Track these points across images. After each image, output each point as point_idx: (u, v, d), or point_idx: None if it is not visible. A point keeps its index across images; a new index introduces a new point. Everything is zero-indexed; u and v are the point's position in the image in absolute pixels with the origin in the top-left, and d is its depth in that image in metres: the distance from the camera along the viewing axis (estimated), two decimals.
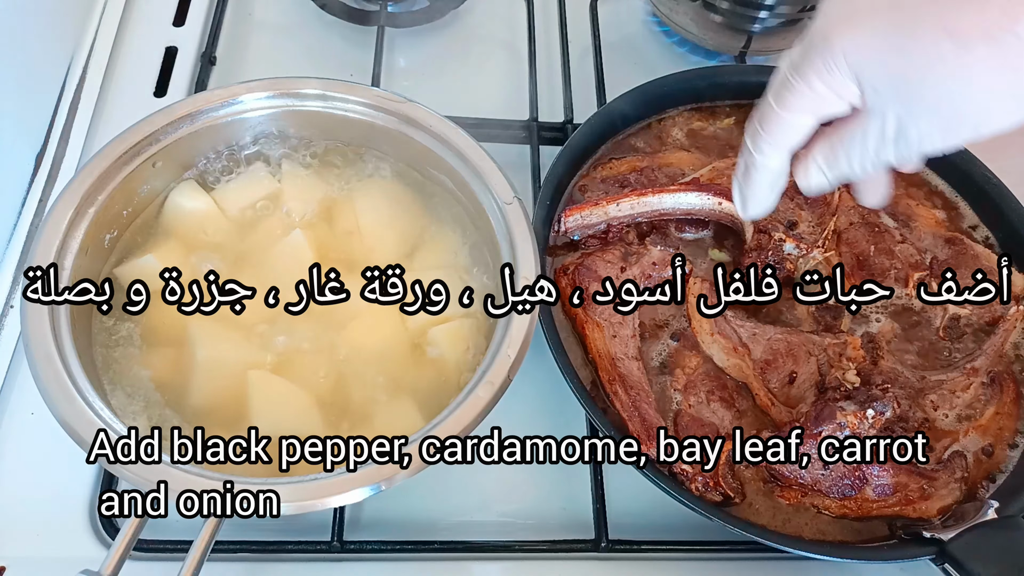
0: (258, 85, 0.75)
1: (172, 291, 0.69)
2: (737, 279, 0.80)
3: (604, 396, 0.74)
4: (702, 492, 0.69)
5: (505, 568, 0.72)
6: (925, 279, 0.83)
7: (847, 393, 0.72)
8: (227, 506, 0.55)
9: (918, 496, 0.71)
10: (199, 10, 1.05)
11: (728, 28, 1.02)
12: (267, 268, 0.72)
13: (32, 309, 0.61)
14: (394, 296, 0.72)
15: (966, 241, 0.87)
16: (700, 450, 0.69)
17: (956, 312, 0.82)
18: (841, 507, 0.71)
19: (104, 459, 0.56)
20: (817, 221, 0.83)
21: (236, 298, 0.69)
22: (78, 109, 0.93)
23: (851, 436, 0.69)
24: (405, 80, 1.05)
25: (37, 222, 0.85)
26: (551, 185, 0.83)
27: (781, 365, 0.76)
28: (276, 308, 0.70)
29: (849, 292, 0.81)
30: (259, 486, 0.55)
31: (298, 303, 0.70)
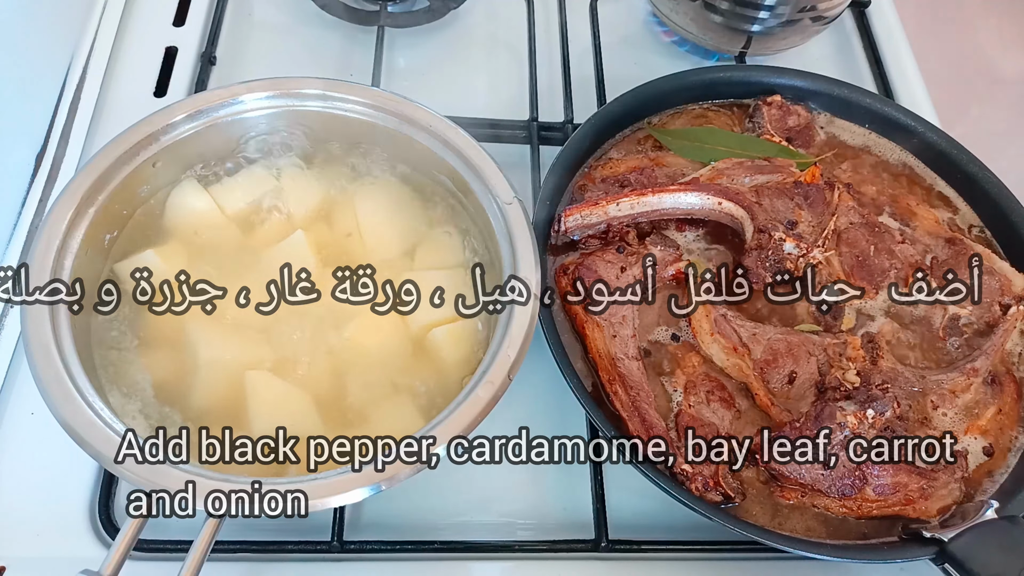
0: (258, 85, 0.75)
1: (143, 291, 0.69)
2: (708, 279, 0.80)
3: (604, 396, 0.74)
4: (702, 492, 0.69)
5: (505, 568, 0.72)
6: (926, 279, 0.83)
7: (847, 393, 0.72)
8: (255, 506, 0.55)
9: (918, 496, 0.71)
10: (199, 10, 1.05)
11: (728, 28, 1.02)
12: (268, 268, 0.72)
13: (32, 309, 0.61)
14: (365, 296, 0.71)
15: (966, 241, 0.87)
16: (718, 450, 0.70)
17: (956, 312, 0.82)
18: (841, 507, 0.71)
19: (132, 459, 0.56)
20: (817, 221, 0.83)
21: (207, 298, 0.69)
22: (78, 109, 0.93)
23: (852, 436, 0.69)
24: (405, 80, 1.05)
25: (37, 222, 0.85)
26: (551, 185, 0.83)
27: (781, 365, 0.76)
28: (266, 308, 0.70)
29: (820, 292, 0.81)
30: (287, 486, 0.55)
31: (269, 303, 0.70)
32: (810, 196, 0.84)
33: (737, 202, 0.82)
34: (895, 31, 1.18)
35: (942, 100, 1.10)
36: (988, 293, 0.83)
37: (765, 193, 0.84)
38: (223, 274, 0.72)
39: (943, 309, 0.83)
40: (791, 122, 0.93)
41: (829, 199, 0.85)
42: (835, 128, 0.97)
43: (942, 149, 0.93)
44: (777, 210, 0.83)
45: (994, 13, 1.48)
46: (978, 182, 0.91)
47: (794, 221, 0.83)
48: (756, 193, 0.84)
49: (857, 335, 0.79)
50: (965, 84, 1.39)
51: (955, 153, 0.93)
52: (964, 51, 1.43)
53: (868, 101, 0.96)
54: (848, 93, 0.96)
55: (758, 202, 0.83)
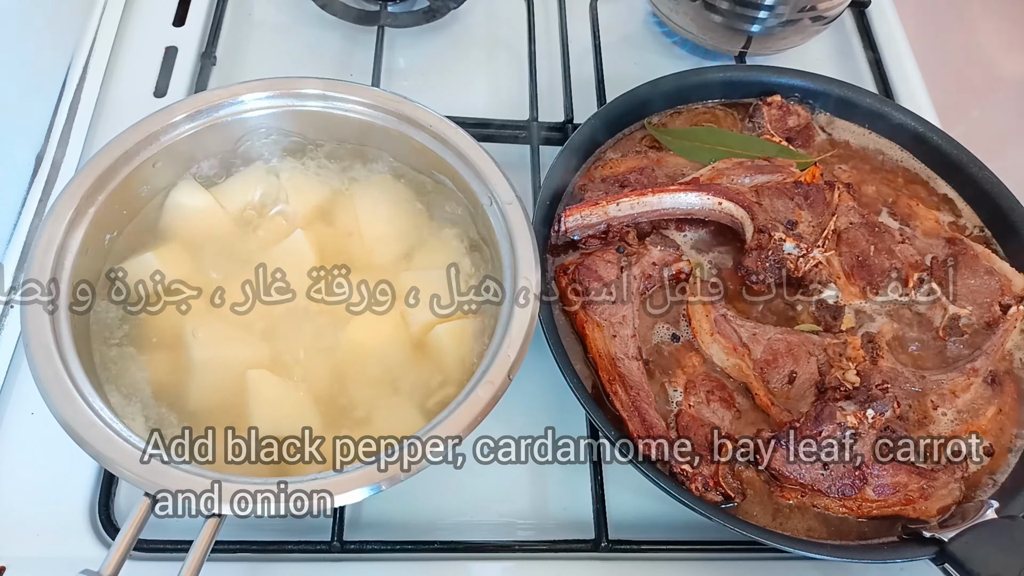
0: (258, 85, 0.75)
1: (119, 291, 0.69)
2: (683, 280, 0.81)
3: (604, 396, 0.74)
4: (702, 492, 0.69)
5: (505, 568, 0.72)
6: (925, 279, 0.83)
7: (847, 393, 0.72)
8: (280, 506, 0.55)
9: (918, 496, 0.71)
10: (199, 10, 1.05)
11: (728, 28, 1.02)
12: (268, 268, 0.72)
13: (32, 309, 0.61)
14: (340, 297, 0.71)
15: (966, 241, 0.87)
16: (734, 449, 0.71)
17: (956, 312, 0.82)
18: (841, 507, 0.71)
19: (158, 459, 0.56)
20: (817, 221, 0.83)
21: (182, 298, 0.69)
22: (78, 109, 0.93)
23: (853, 435, 0.69)
24: (405, 80, 1.05)
25: (37, 222, 0.85)
26: (551, 185, 0.83)
27: (781, 365, 0.76)
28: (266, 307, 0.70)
29: (796, 293, 0.82)
30: (313, 486, 0.56)
31: (244, 303, 0.70)
32: (810, 196, 0.84)
33: (737, 202, 0.82)
34: (895, 31, 1.18)
35: (942, 100, 1.10)
36: (988, 293, 0.83)
37: (765, 193, 0.84)
38: (223, 274, 0.72)
39: (943, 309, 0.83)
40: (791, 122, 0.93)
41: (829, 199, 0.85)
42: (835, 128, 0.97)
43: (942, 149, 0.94)
44: (777, 210, 0.83)
45: (994, 13, 1.48)
46: (978, 182, 0.91)
47: (794, 221, 0.83)
48: (756, 193, 0.84)
49: (857, 335, 0.80)
50: (965, 84, 1.39)
51: (955, 153, 0.93)
52: (964, 51, 1.43)
53: (868, 101, 0.96)
54: (848, 93, 0.96)
55: (758, 202, 0.83)
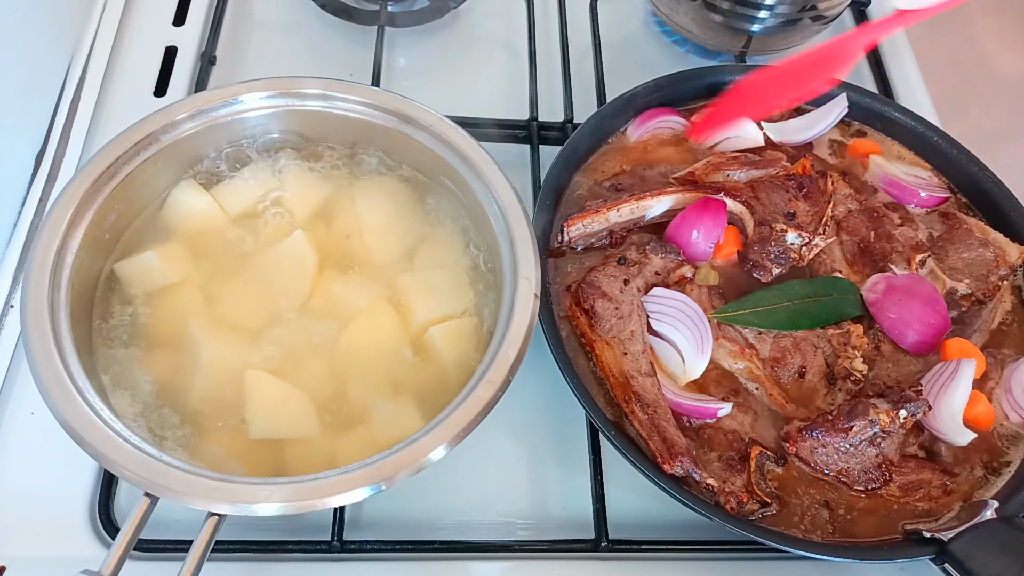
0: (258, 85, 0.75)
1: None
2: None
3: (621, 415, 0.73)
4: (738, 510, 0.68)
5: (505, 568, 0.72)
6: (927, 258, 0.84)
7: (880, 391, 0.72)
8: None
9: (940, 492, 0.72)
10: (199, 10, 1.05)
11: (728, 28, 1.02)
12: (268, 268, 0.72)
13: (32, 309, 0.61)
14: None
15: (959, 215, 0.88)
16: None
17: (953, 286, 0.83)
18: (863, 500, 0.71)
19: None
20: (814, 210, 0.83)
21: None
22: (78, 109, 0.93)
23: (880, 433, 0.70)
24: (405, 80, 1.05)
25: (37, 222, 0.85)
26: (551, 185, 0.83)
27: (790, 361, 0.76)
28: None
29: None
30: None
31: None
32: (805, 186, 0.84)
33: (735, 198, 0.82)
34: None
35: (942, 100, 1.10)
36: (984, 265, 0.84)
37: (761, 187, 0.84)
38: (223, 274, 0.72)
39: (941, 283, 0.83)
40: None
41: (823, 187, 0.85)
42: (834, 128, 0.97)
43: (942, 149, 0.94)
44: (775, 203, 0.83)
45: (994, 13, 1.48)
46: (978, 182, 0.91)
47: (792, 212, 0.83)
48: (752, 188, 0.84)
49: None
50: (965, 84, 1.39)
51: (955, 153, 0.93)
52: (964, 51, 1.43)
53: (868, 101, 0.96)
54: (848, 93, 0.96)
55: (755, 196, 0.83)
